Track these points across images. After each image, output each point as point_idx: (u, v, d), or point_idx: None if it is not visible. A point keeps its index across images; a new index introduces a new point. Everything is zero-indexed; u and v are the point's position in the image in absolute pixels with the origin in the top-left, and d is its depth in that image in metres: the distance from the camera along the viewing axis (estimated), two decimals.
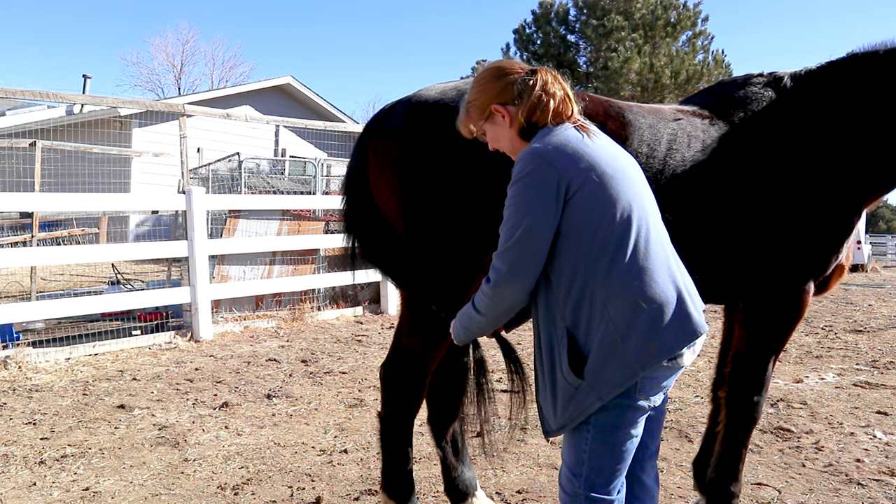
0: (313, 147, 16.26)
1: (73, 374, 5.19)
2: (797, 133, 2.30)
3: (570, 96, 1.76)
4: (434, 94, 2.32)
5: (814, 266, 2.32)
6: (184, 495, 3.03)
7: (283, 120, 9.08)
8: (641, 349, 1.59)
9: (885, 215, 49.26)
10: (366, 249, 2.53)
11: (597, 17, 20.64)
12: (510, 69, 1.79)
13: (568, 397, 1.66)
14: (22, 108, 17.32)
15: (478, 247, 2.24)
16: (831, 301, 9.88)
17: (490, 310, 1.73)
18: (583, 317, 1.63)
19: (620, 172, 1.66)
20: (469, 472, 2.76)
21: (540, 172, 1.62)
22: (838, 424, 4.06)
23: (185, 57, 42.54)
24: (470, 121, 1.85)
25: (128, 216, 12.40)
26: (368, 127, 2.47)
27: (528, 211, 1.63)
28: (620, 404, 1.64)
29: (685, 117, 2.37)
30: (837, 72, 2.36)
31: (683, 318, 1.62)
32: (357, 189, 2.47)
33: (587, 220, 1.61)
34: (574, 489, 1.71)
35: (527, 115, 1.73)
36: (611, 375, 1.60)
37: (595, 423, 1.66)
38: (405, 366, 2.42)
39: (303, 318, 7.44)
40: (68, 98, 6.75)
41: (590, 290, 1.61)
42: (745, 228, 2.27)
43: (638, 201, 1.66)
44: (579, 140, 1.67)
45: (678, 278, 1.66)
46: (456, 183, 2.20)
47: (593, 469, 1.68)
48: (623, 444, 1.68)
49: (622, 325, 1.59)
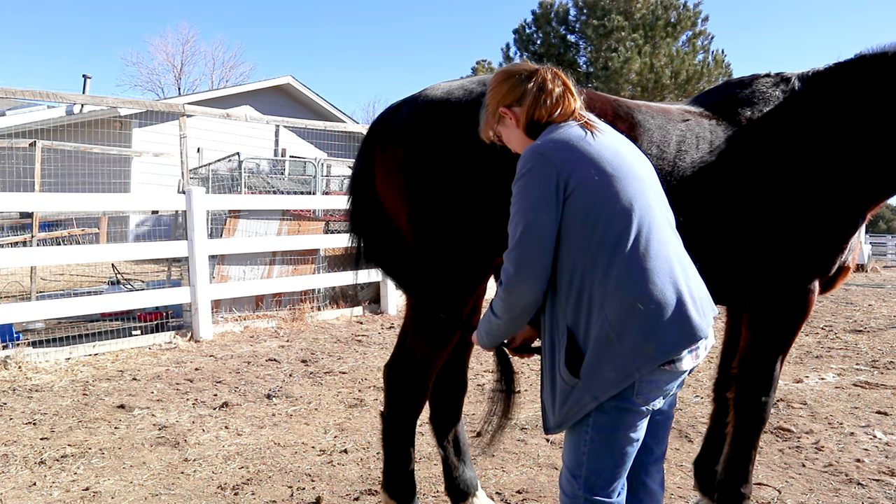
0: (313, 147, 16.26)
1: (73, 374, 5.19)
2: (804, 134, 2.29)
3: (571, 93, 1.76)
4: (440, 94, 2.30)
5: (819, 266, 2.32)
6: (184, 495, 3.03)
7: (283, 120, 9.08)
8: (637, 350, 1.57)
9: (885, 215, 49.24)
10: (371, 251, 2.52)
11: (597, 17, 20.64)
12: (515, 70, 1.80)
13: (564, 396, 1.66)
14: (22, 108, 17.32)
15: (486, 248, 2.23)
16: (831, 301, 9.88)
17: (506, 312, 1.72)
18: (582, 315, 1.63)
19: (624, 171, 1.64)
20: (470, 472, 2.76)
21: (538, 169, 1.63)
22: (838, 424, 4.06)
23: (185, 57, 42.60)
24: (487, 125, 1.86)
25: (128, 216, 12.40)
26: (374, 127, 2.45)
27: (529, 208, 1.63)
28: (618, 406, 1.63)
29: (693, 118, 2.37)
30: (845, 73, 2.35)
31: (683, 320, 1.60)
32: (363, 190, 2.46)
33: (585, 218, 1.60)
34: (574, 491, 1.70)
35: (528, 114, 1.73)
36: (606, 375, 1.59)
37: (594, 424, 1.65)
38: (409, 366, 2.42)
39: (303, 318, 7.44)
40: (68, 98, 6.75)
41: (588, 288, 1.61)
42: (751, 229, 2.26)
43: (640, 200, 1.64)
44: (581, 137, 1.66)
45: (680, 281, 1.63)
46: (463, 183, 2.19)
47: (592, 471, 1.68)
48: (622, 447, 1.67)
49: (618, 324, 1.58)
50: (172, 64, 42.36)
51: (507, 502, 3.00)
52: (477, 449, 3.58)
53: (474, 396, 4.58)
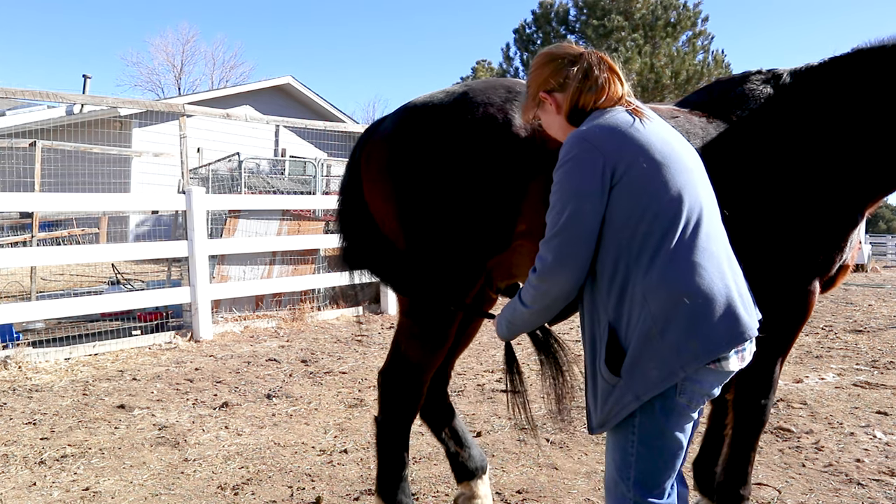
0: (313, 147, 16.26)
1: (73, 374, 5.19)
2: (799, 130, 2.26)
3: (619, 78, 1.69)
4: (423, 99, 2.35)
5: (819, 266, 2.29)
6: (184, 495, 3.03)
7: (283, 120, 9.08)
8: (682, 347, 1.49)
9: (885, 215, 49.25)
10: (365, 259, 2.51)
11: (597, 17, 20.66)
12: (558, 53, 1.73)
13: (606, 395, 1.59)
14: (22, 108, 17.32)
15: (478, 247, 2.23)
16: (831, 301, 9.88)
17: (536, 301, 1.64)
18: (624, 310, 1.55)
19: (673, 160, 1.57)
20: (477, 451, 2.76)
21: (584, 155, 1.55)
22: (838, 424, 4.05)
23: (185, 57, 42.61)
24: (527, 109, 1.81)
25: (128, 216, 12.40)
26: (360, 141, 2.49)
27: (573, 196, 1.55)
28: (664, 407, 1.56)
29: (682, 115, 2.35)
30: (843, 67, 2.32)
31: (731, 318, 1.52)
32: (352, 203, 2.46)
33: (632, 208, 1.53)
34: (622, 492, 1.63)
35: (572, 100, 1.67)
36: (648, 374, 1.52)
37: (639, 425, 1.58)
38: (404, 372, 2.42)
39: (303, 318, 7.44)
40: (68, 98, 6.75)
41: (632, 282, 1.53)
42: (747, 229, 2.25)
43: (690, 192, 1.56)
44: (629, 124, 1.59)
45: (728, 277, 1.56)
46: (451, 181, 2.19)
47: (641, 472, 1.60)
48: (670, 447, 1.60)
49: (662, 319, 1.50)
50: (172, 64, 42.41)
51: (507, 502, 2.99)
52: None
53: (474, 396, 4.58)
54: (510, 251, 2.26)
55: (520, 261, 2.29)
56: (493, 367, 5.44)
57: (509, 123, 2.17)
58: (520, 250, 2.25)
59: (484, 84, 2.34)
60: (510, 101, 2.22)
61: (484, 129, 2.17)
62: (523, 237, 2.21)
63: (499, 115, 2.18)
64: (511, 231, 2.20)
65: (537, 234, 2.19)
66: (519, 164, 2.15)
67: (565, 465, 3.39)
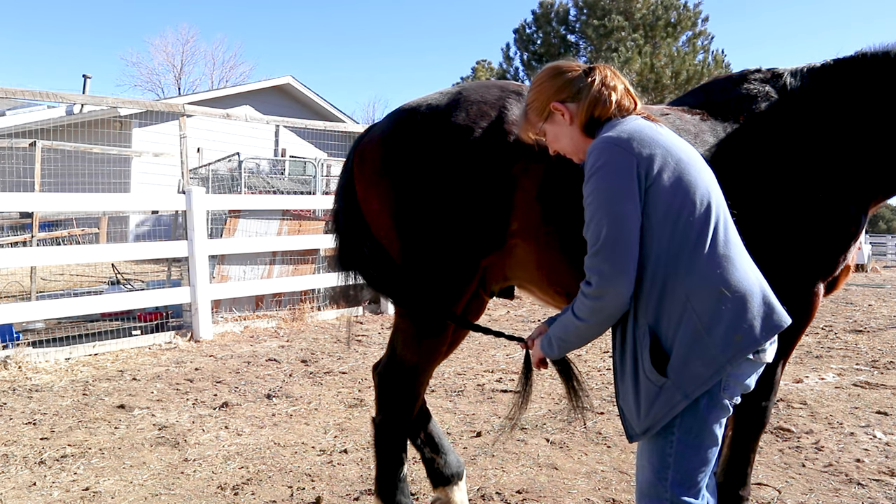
0: (313, 147, 16.27)
1: (73, 374, 5.19)
2: (802, 130, 2.25)
3: (630, 91, 1.73)
4: (414, 102, 2.36)
5: (823, 267, 2.28)
6: (184, 495, 3.03)
7: (283, 120, 9.08)
8: (727, 341, 1.52)
9: (885, 215, 49.24)
10: (359, 267, 2.50)
11: (597, 17, 20.67)
12: (567, 67, 1.76)
13: (652, 398, 1.58)
14: (22, 108, 17.33)
15: (472, 248, 2.23)
16: (831, 301, 9.88)
17: (594, 315, 1.61)
18: (665, 312, 1.56)
19: (694, 160, 1.62)
20: (453, 457, 2.71)
21: (616, 158, 1.56)
22: (838, 424, 4.05)
23: (185, 57, 42.61)
24: (529, 124, 1.82)
25: (128, 216, 12.41)
26: (354, 144, 2.50)
27: (612, 201, 1.55)
28: (708, 403, 1.57)
29: (672, 112, 2.34)
30: (847, 70, 2.32)
31: (768, 308, 1.57)
32: (347, 205, 2.46)
33: (667, 208, 1.55)
34: (660, 493, 1.62)
35: (589, 109, 1.69)
36: (696, 371, 1.53)
37: (680, 424, 1.58)
38: (400, 376, 2.43)
39: (303, 318, 7.44)
40: (68, 98, 6.75)
41: (671, 283, 1.55)
42: (749, 230, 2.24)
43: (714, 191, 1.61)
44: (651, 128, 1.62)
45: (755, 269, 1.62)
46: (445, 182, 2.20)
47: (680, 472, 1.60)
48: (708, 444, 1.61)
49: (706, 316, 1.52)
50: (172, 64, 42.42)
51: (507, 502, 2.99)
52: (477, 449, 3.59)
53: (474, 396, 4.58)
54: (504, 251, 2.26)
55: (513, 262, 2.29)
56: (493, 368, 5.44)
57: (503, 119, 2.20)
58: (513, 251, 2.25)
59: (478, 84, 2.39)
60: (504, 99, 2.26)
61: (478, 125, 2.20)
62: (516, 236, 2.22)
63: (492, 112, 2.22)
64: (506, 227, 2.21)
65: (530, 233, 2.21)
66: (512, 159, 2.17)
67: (565, 465, 3.39)
